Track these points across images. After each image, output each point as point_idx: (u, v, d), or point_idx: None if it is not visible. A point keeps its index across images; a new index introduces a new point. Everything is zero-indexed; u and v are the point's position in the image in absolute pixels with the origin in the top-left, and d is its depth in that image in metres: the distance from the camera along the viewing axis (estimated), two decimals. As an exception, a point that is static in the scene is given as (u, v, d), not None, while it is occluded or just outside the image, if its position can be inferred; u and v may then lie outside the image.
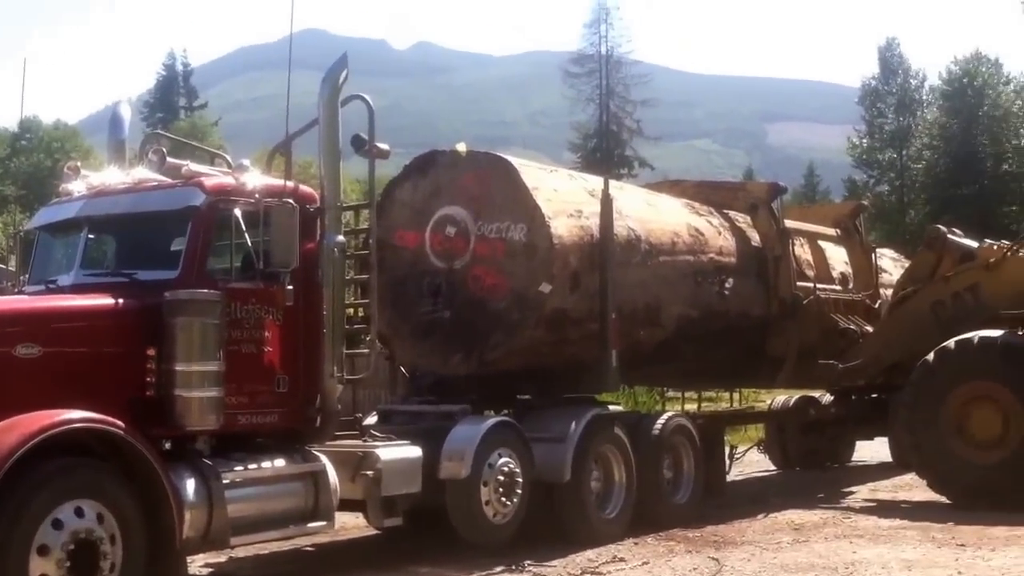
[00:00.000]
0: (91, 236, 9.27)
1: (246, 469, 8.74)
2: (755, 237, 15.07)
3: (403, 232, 12.16)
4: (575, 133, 67.40)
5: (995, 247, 15.47)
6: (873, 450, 18.48)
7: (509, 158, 12.13)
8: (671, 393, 25.98)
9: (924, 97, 64.08)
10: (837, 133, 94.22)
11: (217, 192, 8.98)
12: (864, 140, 64.38)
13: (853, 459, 19.04)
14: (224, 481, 8.40)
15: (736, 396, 27.25)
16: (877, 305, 16.59)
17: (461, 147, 12.23)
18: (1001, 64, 59.12)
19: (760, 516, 13.03)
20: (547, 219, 11.47)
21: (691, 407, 23.77)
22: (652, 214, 13.48)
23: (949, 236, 15.68)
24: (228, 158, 10.46)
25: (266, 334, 9.07)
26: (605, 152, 62.51)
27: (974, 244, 15.68)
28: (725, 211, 15.06)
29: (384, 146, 10.34)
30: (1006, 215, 50.86)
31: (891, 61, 65.81)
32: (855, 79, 71.01)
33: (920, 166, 58.83)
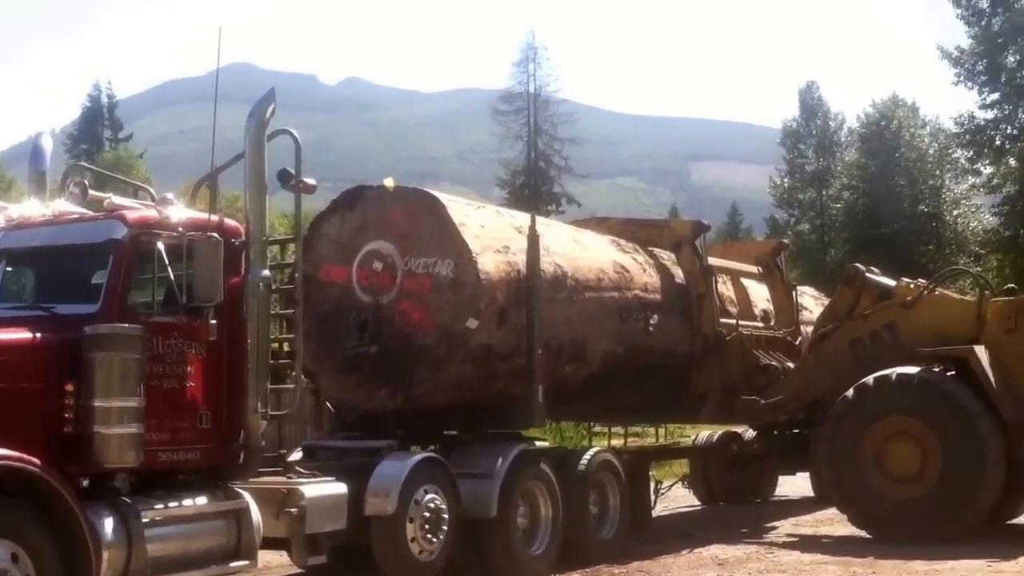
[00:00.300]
0: (9, 269, 9.12)
1: (166, 507, 8.58)
2: (679, 274, 15.23)
3: (330, 267, 12.12)
4: (504, 170, 67.73)
5: (912, 286, 15.77)
6: (795, 485, 18.67)
7: (436, 194, 12.16)
8: (598, 428, 26.00)
9: (843, 139, 65.27)
10: (759, 173, 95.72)
11: (140, 225, 8.87)
12: (785, 180, 65.45)
13: (776, 494, 19.21)
14: (144, 520, 8.23)
15: (662, 431, 27.34)
16: (798, 342, 16.81)
17: (389, 182, 12.23)
18: (917, 108, 60.51)
19: (685, 551, 13.08)
20: (474, 255, 11.50)
21: (618, 442, 23.82)
22: (578, 251, 13.57)
23: (867, 274, 15.93)
24: (152, 191, 10.34)
25: (188, 369, 8.94)
26: (533, 189, 62.88)
27: (891, 282, 15.95)
28: (650, 248, 15.20)
29: (311, 181, 10.29)
30: (923, 254, 51.82)
31: (811, 103, 67.07)
32: (776, 121, 72.31)
33: (840, 206, 59.80)
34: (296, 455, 11.25)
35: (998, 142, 43.79)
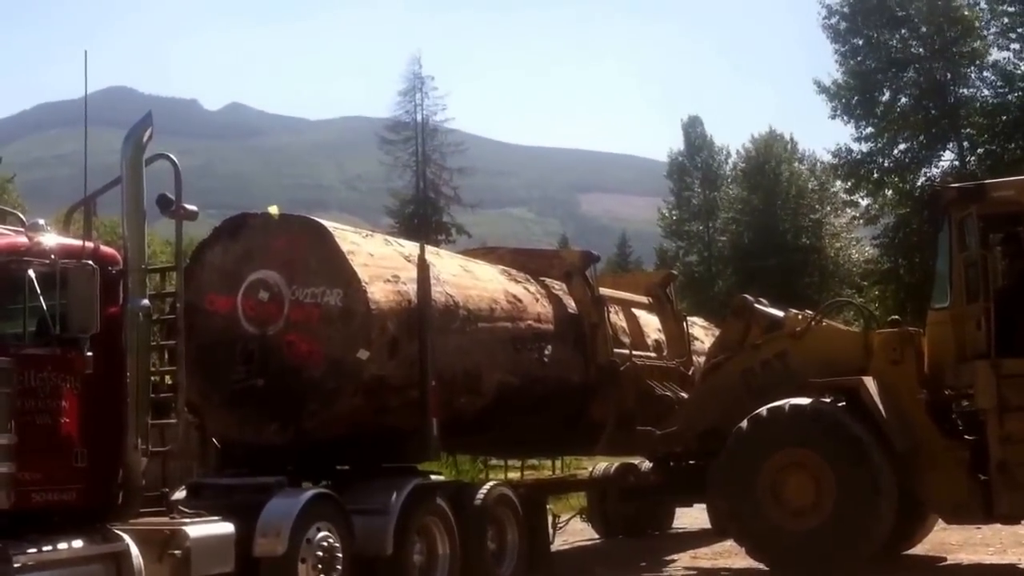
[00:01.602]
0: None
1: (40, 551, 8.11)
2: (571, 304, 15.12)
3: (213, 296, 11.72)
4: (392, 199, 67.35)
5: (800, 316, 15.88)
6: (692, 517, 18.62)
7: (323, 222, 11.87)
8: (494, 461, 25.76)
9: (728, 172, 66.62)
10: (647, 204, 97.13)
11: (8, 251, 8.45)
12: (674, 212, 66.55)
13: (674, 526, 19.15)
14: (15, 564, 7.80)
15: (558, 464, 27.18)
16: (691, 372, 16.82)
17: (274, 210, 11.90)
18: (796, 142, 62.09)
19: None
20: (364, 284, 11.23)
21: (514, 475, 23.61)
22: (470, 280, 13.37)
23: (756, 305, 16.01)
24: (21, 216, 9.86)
25: (63, 404, 8.54)
26: (423, 218, 62.62)
27: (780, 313, 16.05)
28: (541, 278, 15.08)
29: (192, 207, 9.96)
30: (807, 286, 53.03)
31: (695, 137, 68.38)
32: (663, 153, 73.43)
33: (726, 239, 60.97)
34: (180, 494, 10.75)
35: (875, 175, 45.02)
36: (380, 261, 11.81)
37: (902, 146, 44.63)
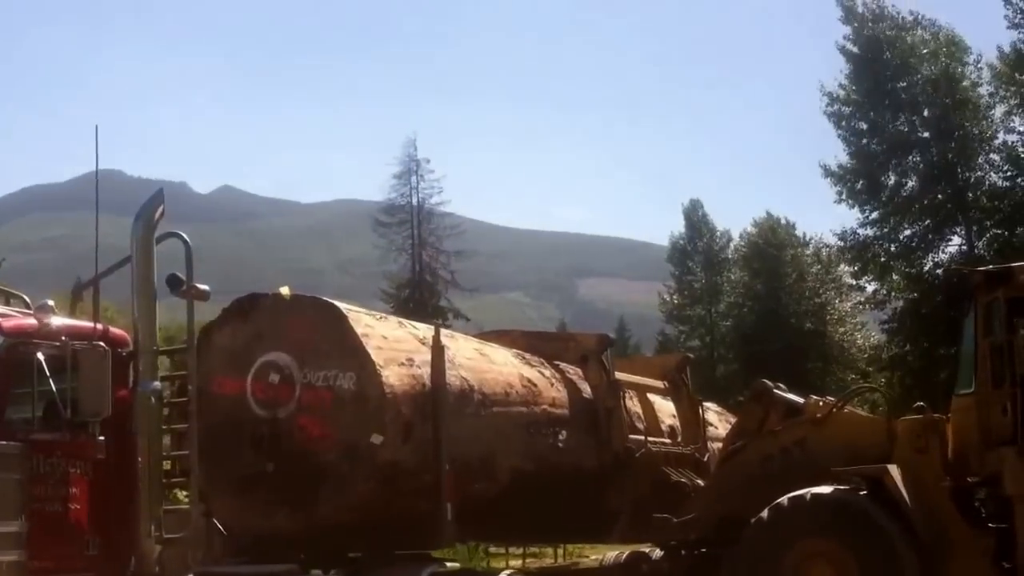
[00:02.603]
0: None
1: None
2: (586, 389, 14.87)
3: (222, 379, 11.49)
4: (387, 282, 67.10)
5: (821, 403, 15.62)
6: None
7: (336, 303, 11.72)
8: (492, 548, 25.32)
9: (730, 255, 66.63)
10: (645, 289, 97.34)
11: (17, 334, 8.29)
12: (675, 296, 66.41)
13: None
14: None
15: (560, 551, 26.72)
16: (706, 458, 16.50)
17: (285, 290, 11.76)
18: (794, 226, 62.14)
19: None
20: (378, 367, 11.05)
21: (516, 563, 23.17)
22: (485, 364, 13.19)
23: (775, 391, 15.76)
24: (26, 298, 9.67)
25: (74, 490, 8.40)
26: (419, 302, 62.39)
27: (799, 399, 15.79)
28: (556, 362, 14.85)
29: (204, 287, 9.85)
30: (810, 371, 52.78)
31: (696, 221, 68.52)
32: (661, 238, 73.66)
33: (728, 323, 60.84)
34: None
35: (882, 258, 44.85)
36: (394, 344, 11.64)
37: (908, 231, 44.47)
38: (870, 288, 47.38)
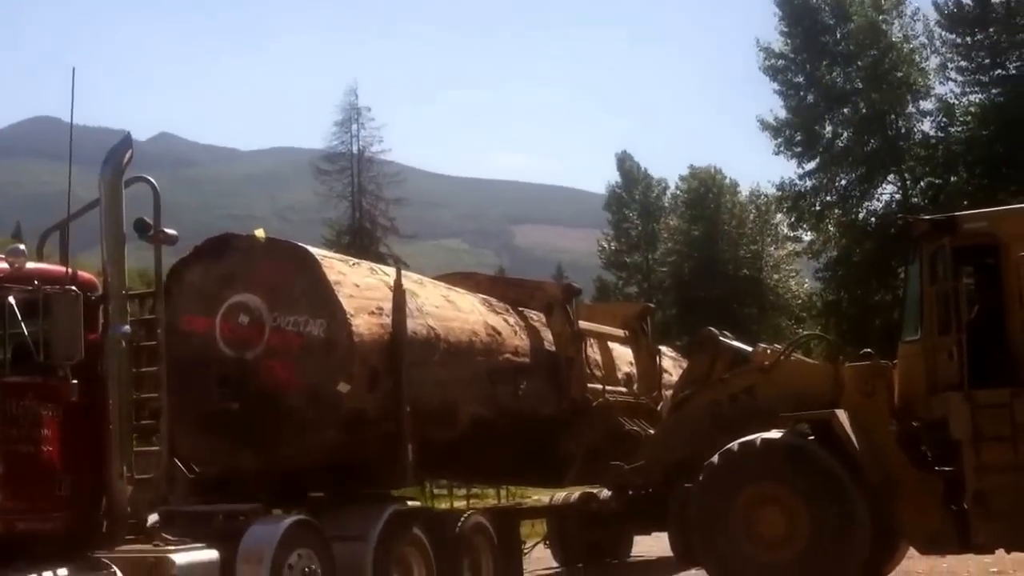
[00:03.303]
0: None
1: (27, 579, 7.85)
2: (549, 337, 15.02)
3: (191, 317, 11.48)
4: (327, 229, 66.70)
5: (768, 351, 15.84)
6: (648, 545, 18.51)
7: (311, 249, 11.71)
8: (438, 490, 25.63)
9: (667, 203, 67.08)
10: (582, 236, 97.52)
11: (-12, 278, 8.19)
12: (612, 243, 66.80)
13: (632, 554, 19.03)
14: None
15: (503, 492, 27.05)
16: (659, 407, 16.71)
17: (260, 233, 11.74)
18: (730, 178, 62.55)
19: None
20: (348, 316, 11.09)
21: (460, 504, 23.45)
22: (451, 312, 13.24)
23: (721, 338, 15.93)
24: (-9, 242, 9.61)
25: (46, 432, 8.35)
26: (359, 249, 62.12)
27: (746, 347, 15.99)
28: (520, 309, 14.95)
29: (171, 231, 9.80)
30: (747, 316, 53.50)
31: (631, 170, 68.74)
32: (599, 185, 73.86)
33: (665, 269, 61.36)
34: (151, 520, 10.47)
35: (818, 208, 45.43)
36: (365, 292, 11.66)
37: (843, 180, 45.09)
38: (807, 238, 48.12)
